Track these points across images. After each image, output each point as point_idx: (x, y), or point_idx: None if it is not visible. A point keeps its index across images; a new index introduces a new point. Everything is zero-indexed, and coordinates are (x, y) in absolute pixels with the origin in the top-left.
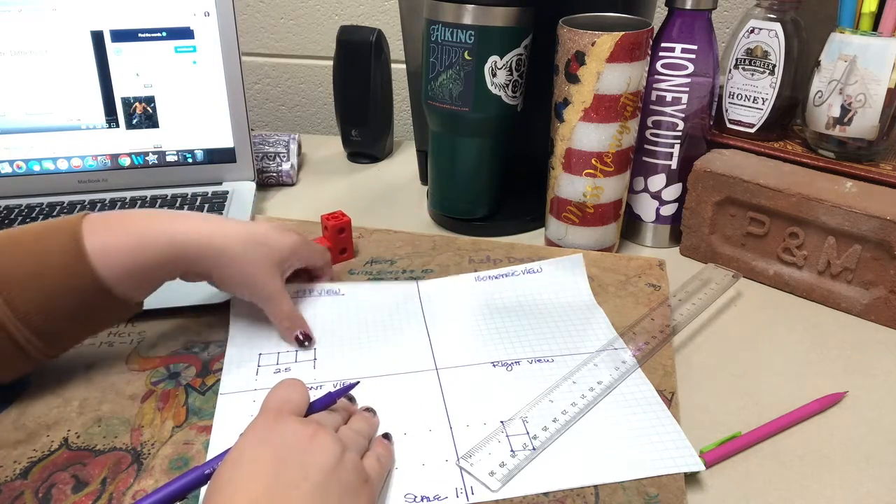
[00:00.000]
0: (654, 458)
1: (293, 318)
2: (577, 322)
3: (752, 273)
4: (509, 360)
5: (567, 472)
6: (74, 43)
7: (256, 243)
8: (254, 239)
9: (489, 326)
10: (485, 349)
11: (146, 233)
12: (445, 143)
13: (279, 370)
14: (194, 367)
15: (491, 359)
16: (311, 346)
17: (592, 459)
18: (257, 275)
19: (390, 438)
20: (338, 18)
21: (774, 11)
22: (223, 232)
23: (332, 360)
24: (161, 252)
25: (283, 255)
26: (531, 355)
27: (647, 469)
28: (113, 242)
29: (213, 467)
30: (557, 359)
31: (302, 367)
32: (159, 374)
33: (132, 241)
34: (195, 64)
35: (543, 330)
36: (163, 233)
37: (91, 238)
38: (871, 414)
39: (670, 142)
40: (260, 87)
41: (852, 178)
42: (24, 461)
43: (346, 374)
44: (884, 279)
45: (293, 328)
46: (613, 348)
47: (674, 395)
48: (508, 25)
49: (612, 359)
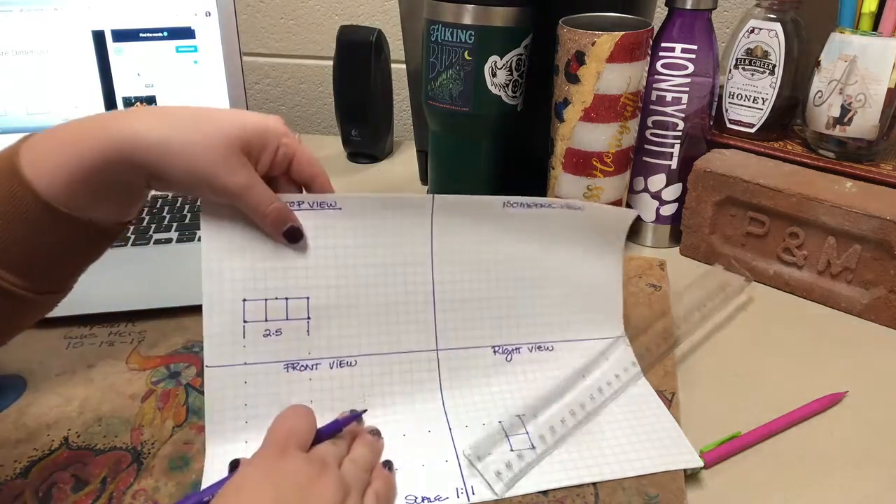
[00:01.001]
0: (653, 456)
1: (276, 211)
2: (594, 297)
3: (752, 273)
4: (510, 346)
5: (567, 470)
6: (75, 42)
7: (204, 123)
8: (200, 119)
9: (498, 287)
10: (489, 323)
11: (82, 134)
12: (445, 143)
13: (269, 332)
14: (194, 367)
15: (493, 342)
16: (301, 239)
17: (592, 458)
18: (213, 162)
19: (391, 468)
20: (338, 18)
21: (774, 11)
22: (165, 122)
23: (326, 323)
24: (98, 154)
25: (245, 137)
26: (532, 340)
27: (646, 467)
28: (45, 155)
29: (211, 495)
30: (557, 346)
31: (294, 330)
32: (159, 373)
33: (66, 149)
34: (196, 64)
35: (555, 301)
36: (97, 135)
37: (27, 154)
38: (871, 414)
39: (670, 142)
40: (260, 87)
41: (852, 178)
42: (24, 460)
43: (341, 351)
44: (884, 279)
45: (278, 223)
46: (623, 344)
47: (674, 396)
48: (508, 25)
49: (621, 360)
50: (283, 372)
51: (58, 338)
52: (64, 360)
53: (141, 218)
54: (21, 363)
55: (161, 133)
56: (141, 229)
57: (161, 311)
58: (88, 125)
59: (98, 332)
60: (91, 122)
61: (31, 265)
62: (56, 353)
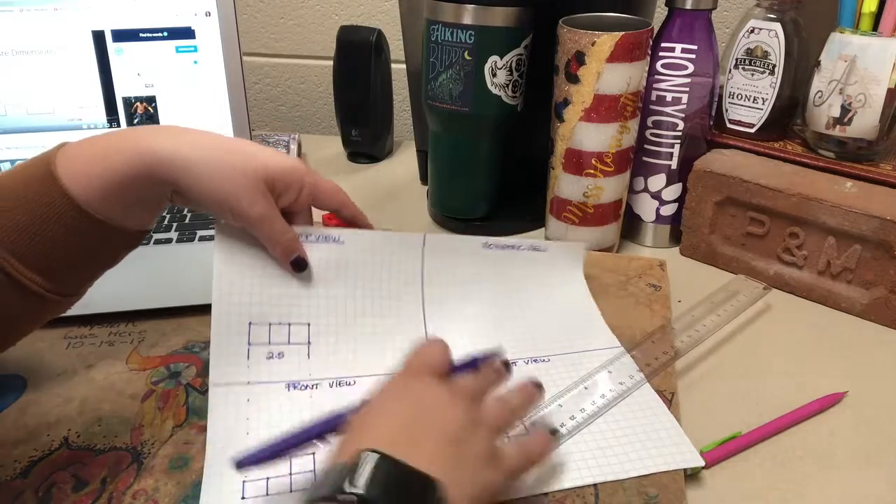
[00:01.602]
0: (654, 456)
1: (288, 241)
2: (574, 316)
3: (752, 273)
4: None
5: (567, 471)
6: (76, 42)
7: (231, 152)
8: (228, 148)
9: (485, 312)
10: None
11: (114, 147)
12: (445, 143)
13: (272, 355)
14: (194, 367)
15: None
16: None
17: (593, 459)
18: (236, 191)
19: (557, 435)
20: (338, 18)
21: (774, 11)
22: (194, 142)
23: (325, 349)
24: (129, 166)
25: (269, 170)
26: (527, 355)
27: (647, 466)
28: (82, 162)
29: (345, 417)
30: (553, 358)
31: (296, 354)
32: (159, 373)
33: (100, 159)
34: (196, 64)
35: (540, 321)
36: (129, 147)
37: (63, 162)
38: (871, 414)
39: (670, 142)
40: (260, 87)
41: (852, 178)
42: (24, 460)
43: (340, 372)
44: (884, 279)
45: (288, 252)
46: (623, 356)
47: (674, 396)
48: (508, 25)
49: (624, 369)
50: (285, 391)
51: (58, 338)
52: (64, 360)
53: None
54: (21, 363)
55: (187, 154)
56: None
57: (161, 311)
58: (118, 139)
59: (98, 332)
60: (121, 136)
61: (58, 268)
62: (56, 353)
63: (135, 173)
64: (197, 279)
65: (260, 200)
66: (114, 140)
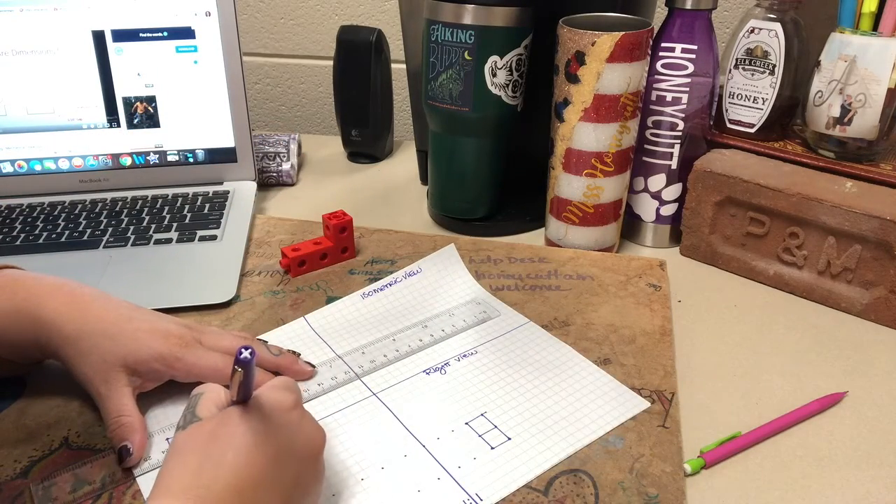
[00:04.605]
0: (608, 411)
1: (120, 427)
2: (483, 308)
3: (752, 273)
4: (439, 364)
5: (541, 454)
6: (76, 42)
7: (104, 336)
8: (104, 332)
9: (401, 339)
10: (409, 359)
11: (16, 307)
12: (445, 143)
13: None
14: None
15: (422, 368)
16: (131, 464)
17: (557, 436)
18: (88, 373)
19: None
20: (338, 18)
21: (774, 11)
22: (81, 318)
23: None
24: (22, 330)
25: (128, 361)
26: (457, 353)
27: (608, 422)
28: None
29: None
30: (479, 349)
31: None
32: None
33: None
34: (196, 64)
35: (453, 324)
36: (30, 311)
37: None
38: (871, 414)
39: (670, 142)
40: (260, 87)
41: (852, 178)
42: (24, 460)
43: None
44: (884, 279)
45: (116, 438)
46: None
47: (674, 396)
48: (508, 25)
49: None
50: None
51: None
52: None
53: (141, 218)
54: None
55: (71, 329)
56: (141, 229)
57: (161, 311)
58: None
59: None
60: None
61: None
62: None
63: (27, 341)
64: (197, 279)
65: (108, 381)
66: (17, 297)
